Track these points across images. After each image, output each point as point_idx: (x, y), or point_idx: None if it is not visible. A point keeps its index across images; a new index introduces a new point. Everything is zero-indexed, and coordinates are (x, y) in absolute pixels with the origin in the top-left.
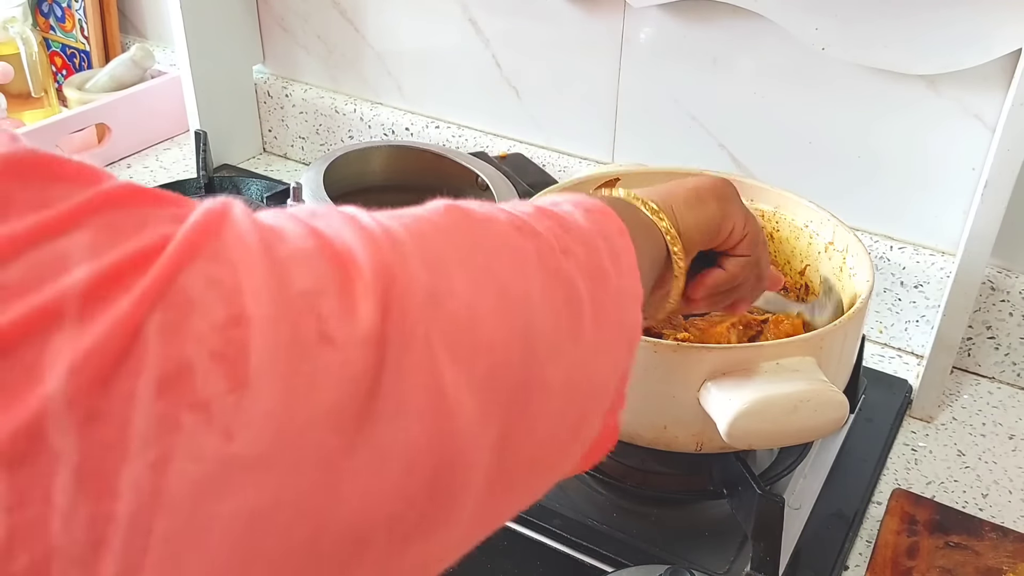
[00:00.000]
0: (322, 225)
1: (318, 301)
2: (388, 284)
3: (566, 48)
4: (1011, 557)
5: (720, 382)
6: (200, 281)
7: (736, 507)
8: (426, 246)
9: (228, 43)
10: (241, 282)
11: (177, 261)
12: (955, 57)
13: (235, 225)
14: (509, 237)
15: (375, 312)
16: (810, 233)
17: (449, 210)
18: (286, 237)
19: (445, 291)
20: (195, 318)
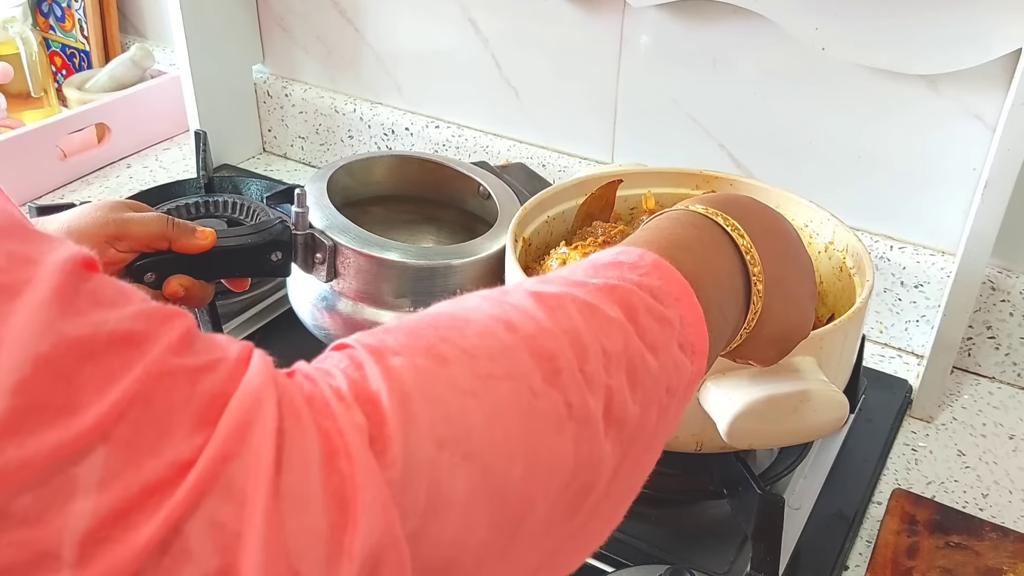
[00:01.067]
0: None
1: (302, 563)
2: (379, 544)
3: (566, 48)
4: (1011, 557)
5: (720, 382)
6: (204, 525)
7: (736, 507)
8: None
9: (228, 43)
10: (243, 529)
11: (187, 503)
12: (955, 57)
13: (260, 438)
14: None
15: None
16: (810, 233)
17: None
18: (298, 455)
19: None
20: (187, 568)
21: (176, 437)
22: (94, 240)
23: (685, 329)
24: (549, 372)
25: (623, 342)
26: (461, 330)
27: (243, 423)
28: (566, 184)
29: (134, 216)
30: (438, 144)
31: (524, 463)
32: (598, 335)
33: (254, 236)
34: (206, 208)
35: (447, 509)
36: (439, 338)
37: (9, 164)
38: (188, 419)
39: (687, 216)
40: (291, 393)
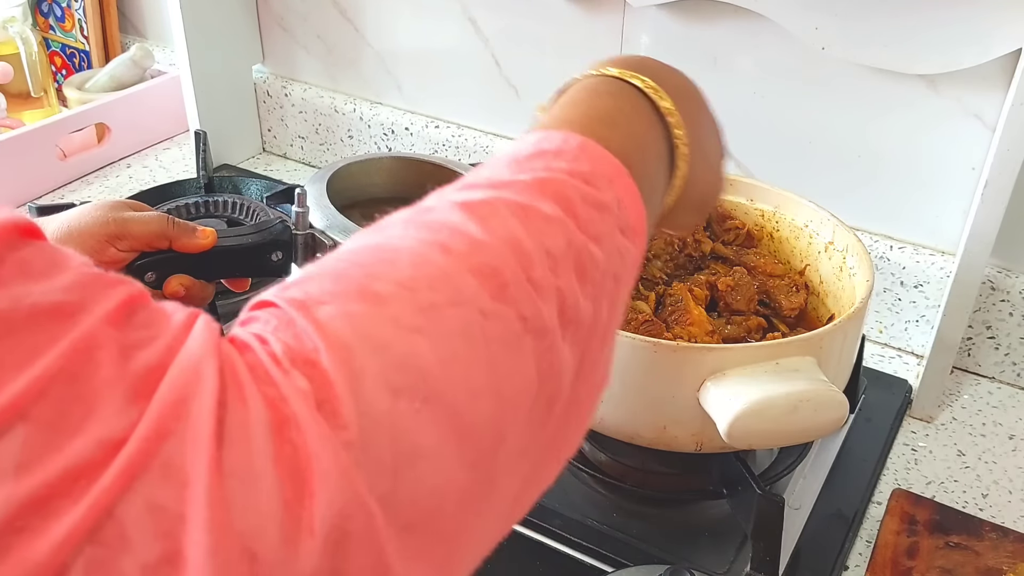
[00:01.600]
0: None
1: (257, 542)
2: (342, 515)
3: (566, 48)
4: (1011, 557)
5: (720, 382)
6: (140, 508)
7: (736, 507)
8: (412, 423)
9: (228, 43)
10: (185, 511)
11: (119, 485)
12: (955, 57)
13: (198, 413)
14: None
15: (319, 554)
16: (810, 233)
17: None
18: (242, 429)
19: (426, 509)
20: (126, 558)
21: (105, 414)
22: (94, 239)
23: (623, 211)
24: (495, 288)
25: (565, 239)
26: (391, 262)
27: (180, 397)
28: None
29: (134, 215)
30: (438, 144)
31: (488, 394)
32: (539, 237)
33: (254, 236)
34: (206, 208)
35: (417, 461)
36: (369, 276)
37: (9, 164)
38: (120, 394)
39: (603, 84)
40: (234, 362)
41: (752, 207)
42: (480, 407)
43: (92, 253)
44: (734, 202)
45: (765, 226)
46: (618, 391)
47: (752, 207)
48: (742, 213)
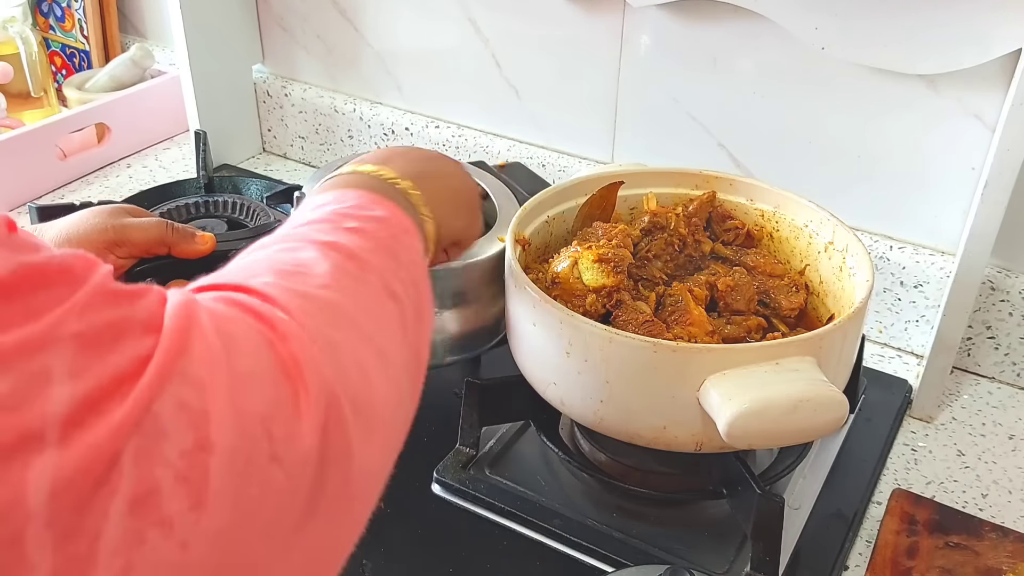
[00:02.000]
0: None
1: (271, 424)
2: (328, 402)
3: (566, 48)
4: (1011, 557)
5: (719, 382)
6: (171, 406)
7: (736, 507)
8: (347, 343)
9: (228, 43)
10: (208, 407)
11: (152, 388)
12: (955, 57)
13: (202, 337)
14: (387, 310)
15: (316, 432)
16: (810, 233)
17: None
18: (243, 346)
19: (366, 401)
20: (166, 445)
21: (131, 339)
22: (93, 247)
23: (393, 220)
24: (358, 264)
25: (372, 240)
26: (278, 258)
27: (184, 326)
28: (566, 184)
29: (133, 222)
30: (438, 144)
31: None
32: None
33: (253, 240)
34: (206, 208)
35: (359, 372)
36: (270, 265)
37: (9, 164)
38: (137, 327)
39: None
40: (213, 304)
41: (752, 207)
42: (384, 338)
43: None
44: (734, 202)
45: (765, 226)
46: (618, 391)
47: (752, 207)
48: (742, 213)
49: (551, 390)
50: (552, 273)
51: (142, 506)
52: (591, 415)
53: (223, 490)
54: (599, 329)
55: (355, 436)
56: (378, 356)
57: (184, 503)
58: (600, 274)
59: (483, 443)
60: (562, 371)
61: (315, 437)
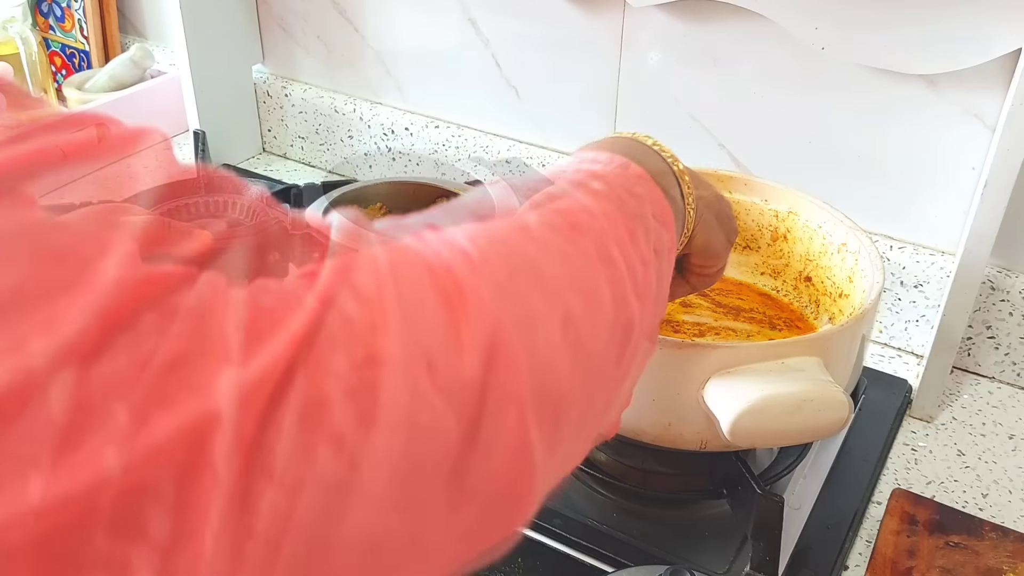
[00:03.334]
0: (434, 251)
1: (434, 350)
2: (492, 338)
3: (566, 48)
4: (1011, 557)
5: (723, 380)
6: (341, 319)
7: (736, 507)
8: (523, 290)
9: (227, 43)
10: (375, 321)
11: (323, 300)
12: (955, 57)
13: (370, 253)
14: (593, 272)
15: (478, 367)
16: (824, 234)
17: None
18: (406, 268)
19: (542, 346)
20: (336, 356)
21: (294, 251)
22: None
23: (653, 203)
24: (572, 223)
25: (614, 206)
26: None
27: (353, 243)
28: None
29: (130, 220)
30: (438, 144)
31: (578, 293)
32: (594, 201)
33: (249, 240)
34: (206, 208)
35: (534, 324)
36: (469, 211)
37: None
38: (301, 240)
39: (622, 139)
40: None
41: (767, 207)
42: (576, 302)
43: None
44: (748, 202)
45: (778, 227)
46: None
47: (767, 207)
48: (756, 213)
49: None
50: None
51: (313, 420)
52: None
53: (392, 406)
54: None
55: (527, 390)
56: (565, 320)
57: (353, 419)
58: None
59: None
60: None
61: (476, 369)
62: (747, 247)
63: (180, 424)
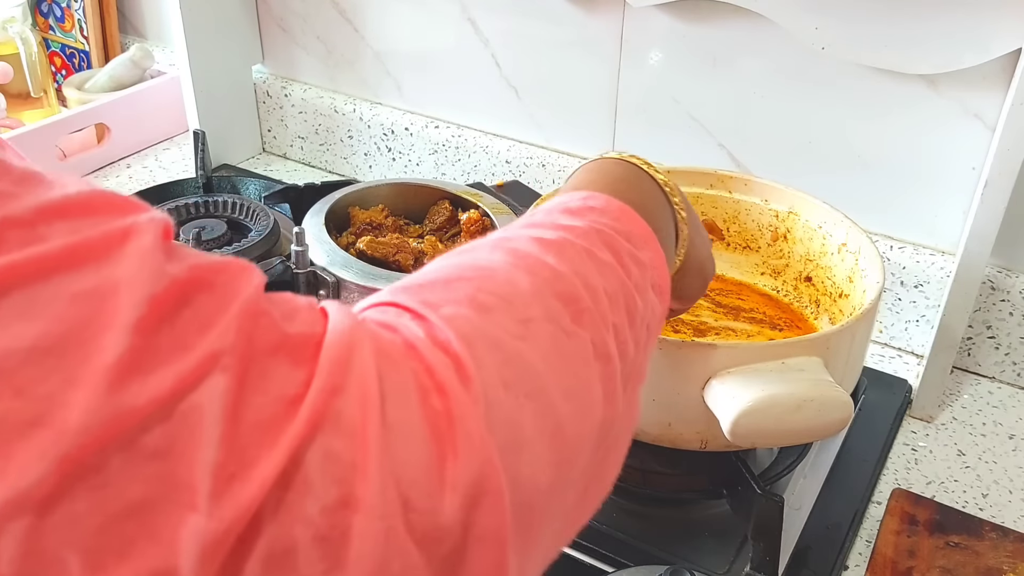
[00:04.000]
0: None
1: (413, 490)
2: (479, 476)
3: (566, 48)
4: (1011, 557)
5: (724, 380)
6: (320, 457)
7: (736, 507)
8: (516, 410)
9: (227, 43)
10: (356, 459)
11: (304, 435)
12: (955, 57)
13: (361, 373)
14: (589, 374)
15: (460, 509)
16: (824, 234)
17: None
18: (395, 390)
19: (527, 471)
20: (309, 500)
21: (277, 374)
22: None
23: (654, 270)
24: (575, 313)
25: (618, 283)
26: (490, 279)
27: (343, 358)
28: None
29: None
30: (438, 144)
31: (570, 401)
32: (600, 277)
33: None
34: (205, 208)
35: (521, 448)
36: (475, 288)
37: None
38: (286, 358)
39: (612, 163)
40: (379, 334)
41: (767, 207)
42: (564, 410)
43: None
44: (748, 202)
45: (779, 227)
46: None
47: (767, 207)
48: (756, 213)
49: None
50: None
51: (277, 568)
52: None
53: (363, 555)
54: None
55: (511, 520)
56: (553, 431)
57: (320, 566)
58: None
59: None
60: None
61: (457, 511)
62: (747, 247)
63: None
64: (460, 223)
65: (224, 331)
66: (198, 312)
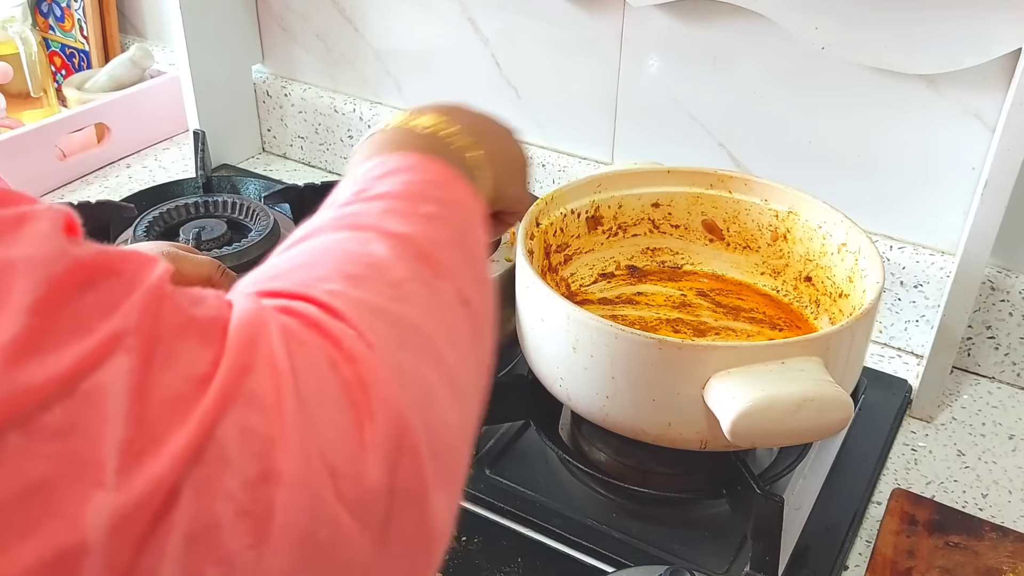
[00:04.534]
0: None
1: (337, 458)
2: (398, 432)
3: (566, 48)
4: (1011, 557)
5: (724, 380)
6: (235, 432)
7: (736, 507)
8: (417, 366)
9: (227, 43)
10: (273, 432)
11: (215, 411)
12: (955, 57)
13: (269, 352)
14: (460, 322)
15: (384, 468)
16: (824, 234)
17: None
18: (308, 365)
19: (438, 419)
20: (228, 475)
21: (185, 354)
22: None
23: (469, 205)
24: (432, 268)
25: (449, 231)
26: (349, 252)
27: (251, 337)
28: (582, 181)
29: (187, 255)
30: None
31: (454, 348)
32: (435, 230)
33: None
34: (205, 208)
35: (431, 401)
36: (339, 263)
37: (9, 164)
38: (194, 337)
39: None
40: (282, 316)
41: (767, 207)
42: (454, 358)
43: None
44: (748, 202)
45: (778, 227)
46: (623, 387)
47: (767, 207)
48: (756, 213)
49: (559, 385)
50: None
51: (200, 543)
52: (597, 411)
53: (288, 526)
54: (604, 325)
55: (430, 470)
56: (449, 379)
57: (245, 540)
58: None
59: (483, 443)
60: (569, 366)
61: (381, 473)
62: (747, 247)
63: (41, 554)
64: None
65: (128, 313)
66: (102, 295)
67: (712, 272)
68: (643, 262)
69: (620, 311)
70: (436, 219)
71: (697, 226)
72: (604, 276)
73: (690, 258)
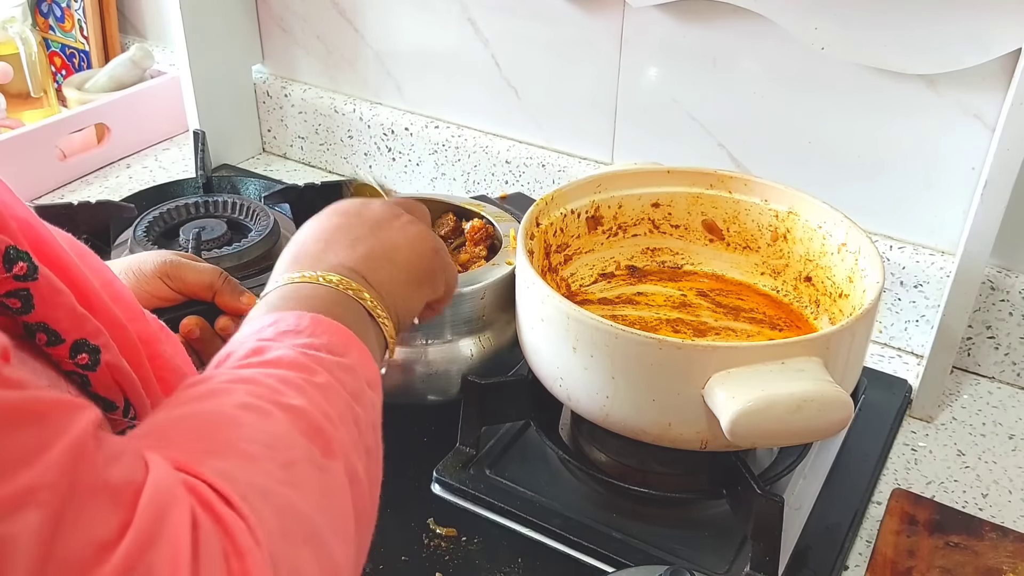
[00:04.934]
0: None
1: None
2: None
3: (566, 48)
4: (1011, 557)
5: (724, 380)
6: None
7: (736, 507)
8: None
9: (227, 43)
10: None
11: None
12: (955, 57)
13: (175, 531)
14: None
15: None
16: (824, 234)
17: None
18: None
19: None
20: None
21: (93, 517)
22: (150, 273)
23: (363, 368)
24: (323, 446)
25: (342, 401)
26: (248, 425)
27: (160, 512)
28: (582, 181)
29: (190, 263)
30: (438, 144)
31: (337, 535)
32: (327, 402)
33: None
34: (205, 208)
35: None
36: (235, 437)
37: (9, 164)
38: (106, 500)
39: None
40: (188, 493)
41: (767, 207)
42: (337, 545)
43: (145, 286)
44: (748, 202)
45: (778, 227)
46: (624, 387)
47: (767, 207)
48: (756, 213)
49: (559, 385)
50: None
51: None
52: (597, 411)
53: None
54: (604, 325)
55: None
56: (329, 566)
57: None
58: None
59: (483, 443)
60: (569, 366)
61: None
62: (747, 247)
63: None
64: (464, 233)
65: (47, 467)
66: (24, 441)
67: (712, 272)
68: (643, 262)
69: (620, 311)
70: (328, 389)
71: (697, 226)
72: (604, 276)
73: (690, 258)
